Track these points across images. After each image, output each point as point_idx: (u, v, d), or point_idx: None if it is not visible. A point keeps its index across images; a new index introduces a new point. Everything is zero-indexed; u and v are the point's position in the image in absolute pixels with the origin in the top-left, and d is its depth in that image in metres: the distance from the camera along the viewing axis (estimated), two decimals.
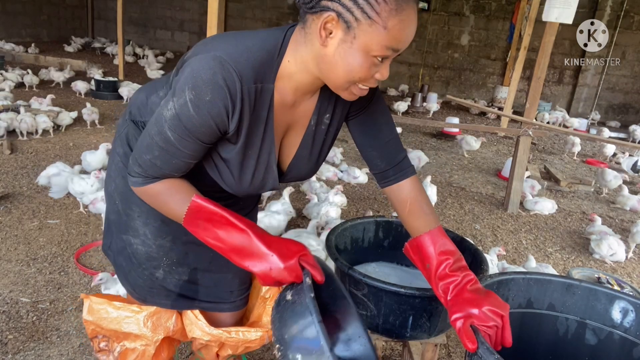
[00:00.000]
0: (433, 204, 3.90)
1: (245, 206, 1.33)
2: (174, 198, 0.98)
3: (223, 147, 1.00)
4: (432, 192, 3.86)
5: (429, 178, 3.92)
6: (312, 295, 0.87)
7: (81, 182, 3.16)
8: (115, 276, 1.97)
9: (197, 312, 1.30)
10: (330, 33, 0.85)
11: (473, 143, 5.73)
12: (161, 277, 1.24)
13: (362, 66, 0.87)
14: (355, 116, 1.13)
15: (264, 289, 1.40)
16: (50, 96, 5.46)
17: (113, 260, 1.30)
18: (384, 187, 1.20)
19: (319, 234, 2.89)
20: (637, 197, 4.38)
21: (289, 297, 0.91)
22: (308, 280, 0.90)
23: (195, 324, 1.29)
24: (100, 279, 2.22)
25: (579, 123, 7.71)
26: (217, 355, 1.37)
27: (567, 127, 7.50)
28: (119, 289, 2.18)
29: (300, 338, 0.85)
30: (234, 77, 0.87)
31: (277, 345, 0.88)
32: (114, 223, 1.25)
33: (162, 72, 8.13)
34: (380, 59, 0.87)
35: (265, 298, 1.40)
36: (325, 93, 1.04)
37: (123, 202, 1.20)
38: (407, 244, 1.20)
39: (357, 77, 0.89)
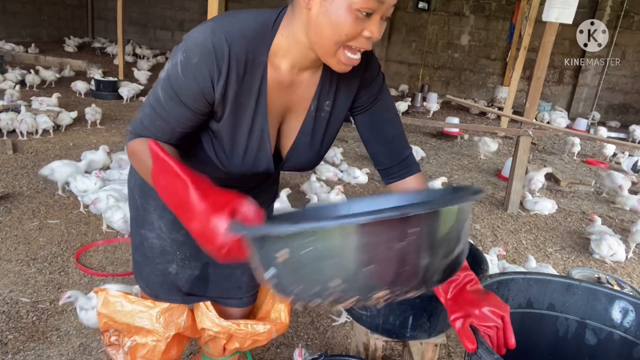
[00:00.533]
0: None
1: (263, 202, 1.31)
2: (147, 155, 0.91)
3: (214, 120, 1.00)
4: (437, 184, 4.07)
5: (441, 179, 4.19)
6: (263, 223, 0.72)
7: (85, 180, 3.18)
8: (90, 294, 1.97)
9: (208, 303, 1.33)
10: None
11: (491, 144, 5.62)
12: (174, 272, 1.26)
13: (349, 25, 0.84)
14: (363, 111, 1.12)
15: None
16: (56, 94, 5.50)
17: (132, 255, 1.34)
18: (388, 184, 1.18)
19: None
20: (637, 197, 4.39)
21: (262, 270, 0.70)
22: (238, 224, 0.73)
23: (206, 314, 1.32)
24: (69, 297, 1.99)
25: (562, 118, 7.74)
26: (224, 349, 1.38)
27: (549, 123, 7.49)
28: (93, 304, 1.95)
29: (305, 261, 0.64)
30: (223, 43, 0.89)
31: (318, 302, 0.66)
32: (133, 218, 1.28)
33: (149, 73, 7.94)
34: (364, 13, 0.84)
35: (274, 296, 1.42)
36: (326, 78, 1.03)
37: (141, 196, 1.23)
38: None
39: (344, 34, 0.86)
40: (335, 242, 0.62)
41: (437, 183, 4.12)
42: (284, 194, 3.27)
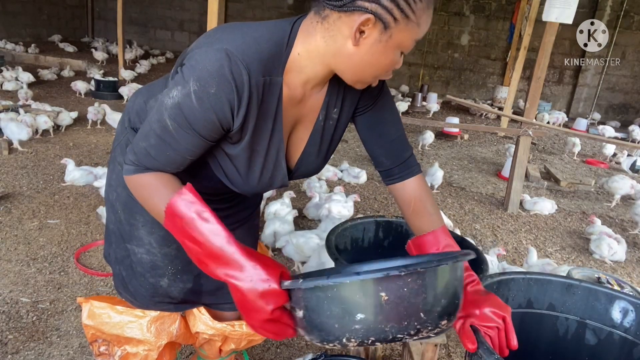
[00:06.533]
0: (438, 185, 4.39)
1: (249, 206, 1.32)
2: (160, 192, 0.90)
3: (228, 144, 0.96)
4: (439, 175, 4.33)
5: (437, 164, 4.41)
6: (301, 280, 0.79)
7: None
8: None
9: (201, 307, 1.29)
10: (363, 33, 0.84)
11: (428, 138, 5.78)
12: (165, 285, 1.22)
13: (392, 59, 0.88)
14: (363, 112, 1.10)
15: None
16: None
17: (114, 271, 1.29)
18: (389, 185, 1.17)
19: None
20: (630, 182, 4.38)
21: (300, 313, 0.81)
22: (286, 282, 0.81)
23: (199, 318, 1.29)
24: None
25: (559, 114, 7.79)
26: (220, 350, 1.37)
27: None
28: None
29: (338, 310, 0.77)
30: (241, 70, 0.84)
31: (344, 340, 0.79)
32: (114, 233, 1.23)
33: (134, 73, 7.87)
34: (402, 52, 0.89)
35: None
36: (334, 88, 1.02)
37: (126, 211, 1.18)
38: (409, 241, 1.17)
39: (384, 70, 0.90)
40: (359, 293, 0.76)
41: (438, 175, 4.31)
42: (286, 197, 3.26)
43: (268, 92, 0.91)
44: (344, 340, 0.78)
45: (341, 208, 3.24)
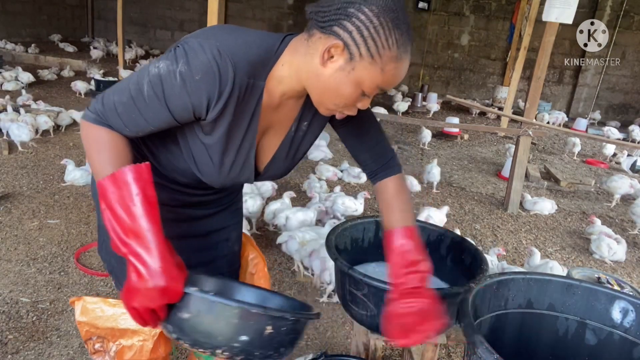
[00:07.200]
0: (437, 182, 4.44)
1: (233, 191, 1.36)
2: (111, 153, 0.93)
3: (202, 134, 1.00)
4: (436, 172, 4.39)
5: (435, 161, 4.48)
6: (211, 293, 0.88)
7: None
8: None
9: None
10: (332, 57, 0.90)
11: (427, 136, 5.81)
12: None
13: (350, 96, 0.93)
14: (344, 123, 1.17)
15: (250, 266, 1.46)
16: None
17: (106, 263, 1.30)
18: (373, 184, 1.26)
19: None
20: (629, 181, 4.38)
21: (185, 314, 0.89)
22: (192, 287, 0.88)
23: None
24: None
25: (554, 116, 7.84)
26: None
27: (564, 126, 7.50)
28: None
29: (230, 325, 0.88)
30: (228, 67, 0.89)
31: (219, 351, 0.90)
32: (102, 226, 1.25)
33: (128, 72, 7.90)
34: (365, 94, 0.94)
35: (252, 274, 1.46)
36: (307, 103, 1.07)
37: None
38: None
39: (343, 103, 0.95)
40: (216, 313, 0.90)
41: (435, 172, 4.35)
42: (286, 197, 3.26)
43: (249, 94, 0.96)
44: (218, 351, 0.89)
45: (353, 203, 3.37)
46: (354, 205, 3.36)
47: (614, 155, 6.20)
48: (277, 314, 0.91)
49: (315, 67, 0.92)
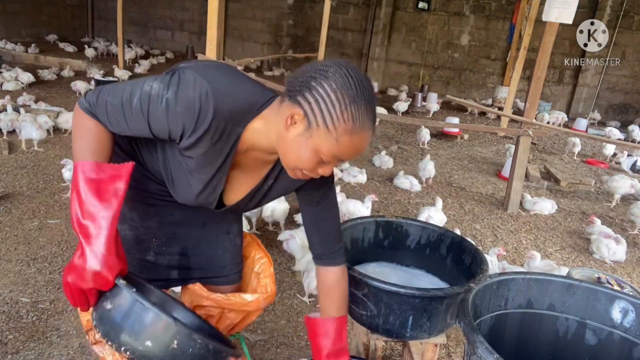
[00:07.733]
0: (432, 176, 4.55)
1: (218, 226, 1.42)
2: (94, 143, 1.04)
3: (179, 152, 1.09)
4: (430, 167, 4.47)
5: (428, 156, 4.57)
6: (134, 289, 0.95)
7: None
8: None
9: (197, 283, 1.36)
10: (295, 123, 0.98)
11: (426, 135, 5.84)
12: (152, 259, 1.31)
13: (309, 161, 1.00)
14: (310, 205, 1.27)
15: (256, 266, 1.50)
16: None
17: None
18: (315, 265, 1.34)
19: None
20: (629, 181, 4.38)
21: (108, 305, 0.96)
22: (122, 280, 0.96)
23: (194, 291, 1.34)
24: None
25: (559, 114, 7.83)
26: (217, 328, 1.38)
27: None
28: None
29: (140, 327, 0.93)
30: (209, 111, 0.98)
31: (123, 348, 0.94)
32: None
33: (129, 73, 7.86)
34: (324, 161, 1.00)
35: (258, 273, 1.48)
36: (278, 163, 1.18)
37: None
38: (305, 317, 1.37)
39: (303, 166, 1.02)
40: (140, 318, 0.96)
41: (429, 167, 4.34)
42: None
43: (226, 137, 1.04)
44: (122, 348, 0.94)
45: (358, 210, 3.30)
46: (359, 213, 3.26)
47: (614, 155, 6.20)
48: (185, 330, 0.94)
49: (281, 130, 1.00)
